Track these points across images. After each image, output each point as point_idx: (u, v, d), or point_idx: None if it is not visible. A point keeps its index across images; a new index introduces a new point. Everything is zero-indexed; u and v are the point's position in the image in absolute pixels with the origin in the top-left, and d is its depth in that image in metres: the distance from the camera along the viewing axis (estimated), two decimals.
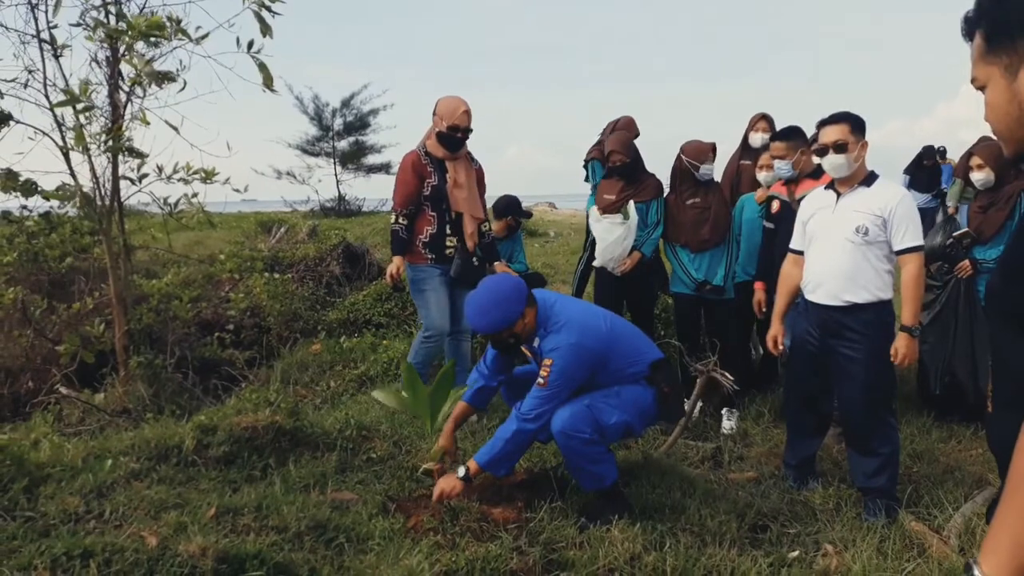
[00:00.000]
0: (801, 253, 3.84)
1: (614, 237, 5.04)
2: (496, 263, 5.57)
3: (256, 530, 3.04)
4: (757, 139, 5.46)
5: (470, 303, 3.40)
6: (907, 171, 10.27)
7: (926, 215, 4.86)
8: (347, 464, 3.93)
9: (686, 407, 4.44)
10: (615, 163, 5.11)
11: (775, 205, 4.71)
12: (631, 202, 5.02)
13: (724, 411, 4.94)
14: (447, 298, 4.89)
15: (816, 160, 4.57)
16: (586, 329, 3.37)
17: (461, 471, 3.37)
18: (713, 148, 4.97)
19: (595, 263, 5.27)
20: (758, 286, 4.86)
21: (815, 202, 3.79)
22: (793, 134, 4.60)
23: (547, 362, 3.28)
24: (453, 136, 4.79)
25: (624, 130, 5.53)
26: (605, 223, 5.09)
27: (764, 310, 4.79)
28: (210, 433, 3.87)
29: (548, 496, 3.44)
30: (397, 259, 4.76)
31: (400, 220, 4.78)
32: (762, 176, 5.08)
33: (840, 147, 3.54)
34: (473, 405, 3.74)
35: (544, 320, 3.41)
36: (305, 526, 3.11)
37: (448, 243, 4.85)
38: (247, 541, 2.91)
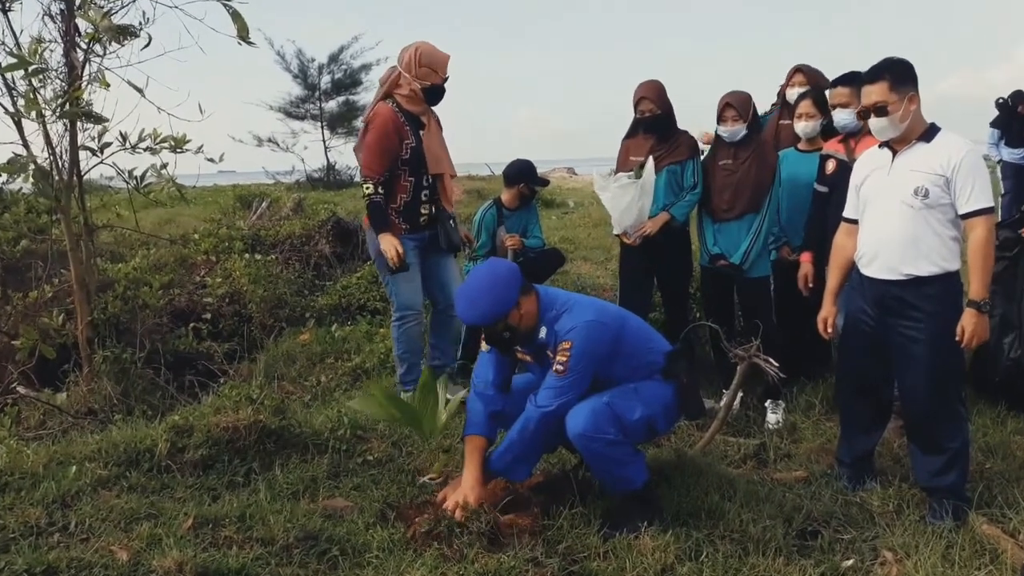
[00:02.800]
0: (855, 222, 3.81)
1: (626, 202, 5.02)
2: (507, 236, 5.60)
3: (239, 543, 3.08)
4: (793, 94, 5.43)
5: (460, 293, 3.46)
6: (995, 124, 9.83)
7: None
8: (340, 468, 3.97)
9: (725, 398, 4.45)
10: (645, 114, 5.09)
11: (830, 165, 4.68)
12: (650, 159, 4.96)
13: (768, 402, 4.94)
14: (419, 272, 4.99)
15: (841, 120, 4.61)
16: (599, 308, 3.48)
17: None
18: (733, 104, 4.92)
19: (614, 231, 5.27)
20: (804, 257, 4.85)
21: (869, 163, 3.76)
22: (856, 79, 4.56)
23: (565, 345, 3.32)
24: (442, 88, 4.91)
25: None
26: (613, 188, 5.05)
27: (811, 286, 4.77)
28: (186, 435, 3.91)
29: (567, 500, 3.47)
30: (389, 237, 4.79)
31: (379, 190, 4.80)
32: (800, 127, 5.06)
33: (880, 109, 3.51)
34: (487, 437, 3.59)
35: (549, 306, 3.45)
36: (294, 537, 3.15)
37: (422, 210, 4.95)
38: (229, 555, 2.95)
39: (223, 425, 3.94)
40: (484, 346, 3.71)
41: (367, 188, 4.80)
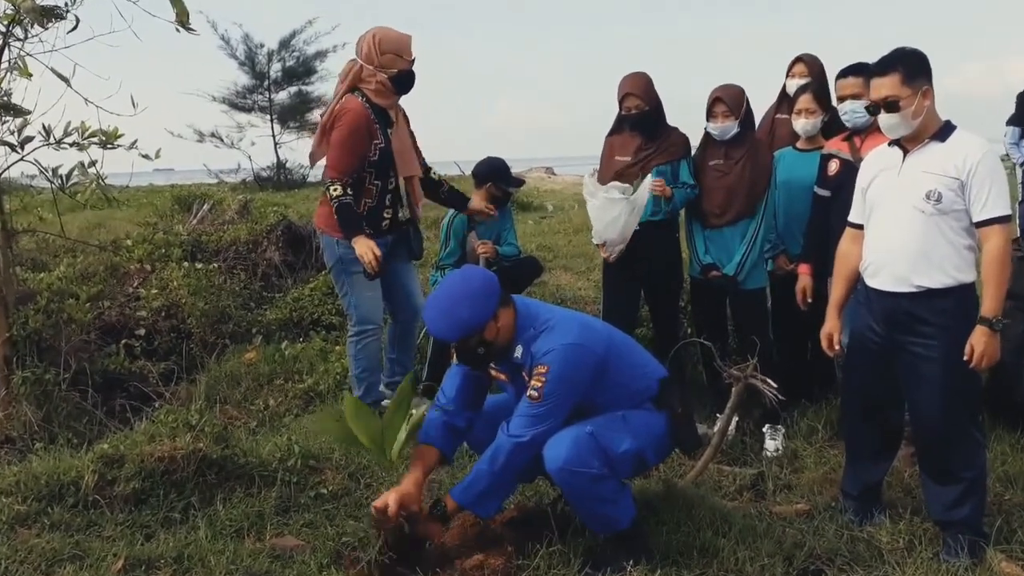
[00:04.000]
0: (862, 227, 3.85)
1: (611, 216, 5.04)
2: (479, 243, 5.62)
3: None
4: (793, 85, 5.47)
5: (430, 304, 3.43)
6: (1013, 121, 9.79)
7: None
8: (291, 502, 3.95)
9: (719, 423, 4.47)
10: (631, 111, 5.12)
11: (833, 166, 4.72)
12: (648, 178, 4.98)
13: (767, 428, 4.97)
14: (379, 283, 5.02)
15: (850, 114, 4.61)
16: (584, 328, 3.42)
17: (436, 509, 3.39)
18: (723, 99, 4.95)
19: (594, 240, 5.29)
20: (803, 269, 4.89)
21: (877, 162, 3.79)
22: (866, 69, 4.60)
23: (541, 369, 3.29)
24: (411, 74, 4.95)
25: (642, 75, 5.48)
26: (601, 197, 5.05)
27: (810, 300, 4.81)
28: (116, 466, 3.87)
29: (545, 537, 3.46)
30: (364, 240, 4.80)
31: (347, 191, 4.82)
32: (799, 124, 5.11)
33: (891, 105, 3.54)
34: (441, 450, 3.59)
35: (528, 322, 3.42)
36: None
37: (385, 215, 5.00)
38: None
39: (158, 455, 3.91)
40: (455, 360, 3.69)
41: (335, 190, 4.80)
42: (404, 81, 4.94)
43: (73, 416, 5.22)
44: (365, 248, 4.76)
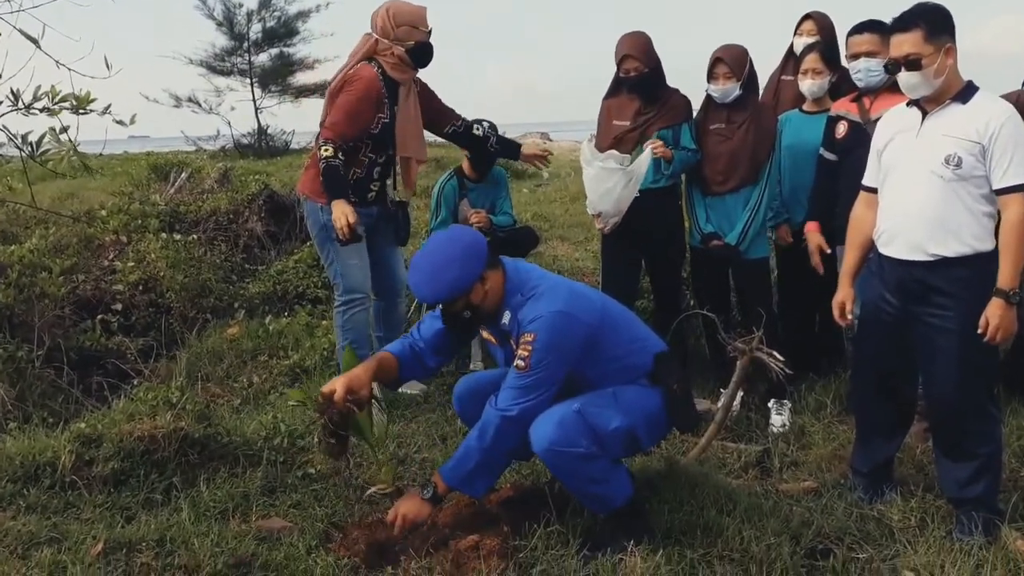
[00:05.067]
0: (876, 191, 3.83)
1: (607, 187, 5.02)
2: (471, 211, 5.62)
3: (158, 571, 3.08)
4: (800, 44, 5.45)
5: (414, 265, 3.41)
6: None
7: None
8: (277, 483, 3.96)
9: (723, 398, 4.49)
10: (629, 73, 5.10)
11: (841, 128, 4.70)
12: (648, 148, 4.95)
13: (772, 403, 5.00)
14: (367, 253, 5.08)
15: (864, 72, 4.57)
16: (575, 296, 3.41)
17: (427, 491, 3.41)
18: (725, 59, 4.93)
19: (589, 210, 5.29)
20: (811, 227, 4.87)
21: (894, 123, 3.77)
22: (880, 27, 4.57)
23: (527, 337, 3.29)
24: (429, 46, 4.99)
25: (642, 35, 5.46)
26: (598, 166, 5.03)
27: (828, 252, 4.76)
28: (94, 446, 3.88)
29: (542, 517, 3.48)
30: (342, 204, 4.78)
31: (339, 155, 4.82)
32: (805, 85, 5.10)
33: (913, 63, 3.52)
34: (401, 361, 3.64)
35: (517, 287, 3.42)
36: (223, 564, 3.15)
37: (372, 187, 5.06)
38: None
39: (137, 434, 3.92)
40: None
41: (326, 150, 4.81)
42: (422, 53, 4.99)
43: (48, 394, 5.24)
44: (339, 212, 4.74)
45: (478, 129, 5.49)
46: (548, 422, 3.26)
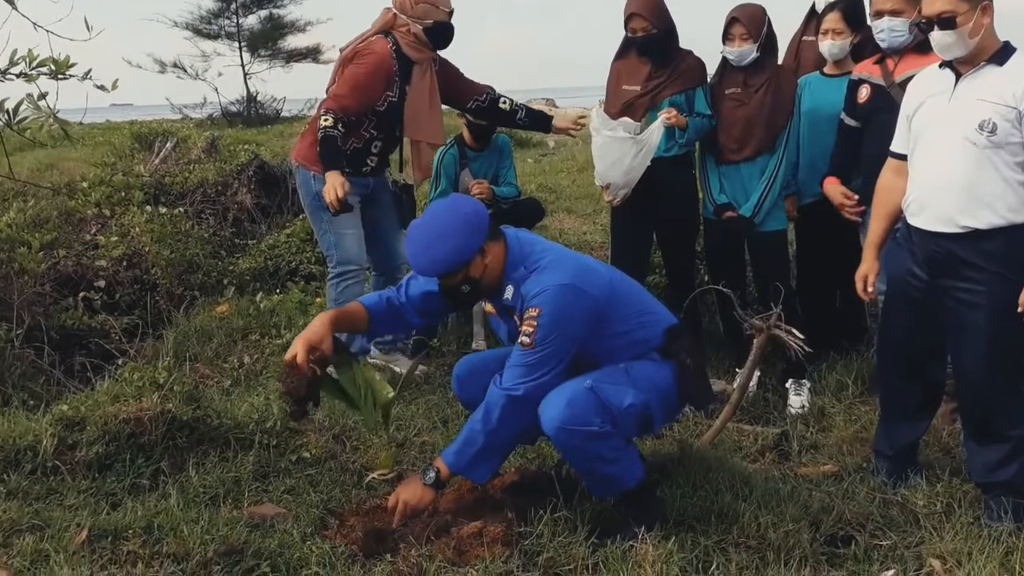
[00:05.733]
0: (906, 158, 3.79)
1: (616, 157, 4.99)
2: (473, 182, 5.62)
3: (145, 559, 3.08)
4: (822, 2, 5.41)
5: (411, 235, 3.42)
6: None
7: None
8: (270, 467, 3.97)
9: (739, 378, 4.48)
10: (637, 33, 5.07)
11: (863, 92, 4.66)
12: (660, 118, 4.90)
13: (791, 383, 5.00)
14: (361, 224, 5.11)
15: (889, 32, 4.49)
16: (581, 268, 3.42)
17: (429, 475, 3.41)
18: (741, 19, 4.89)
19: (596, 181, 5.27)
20: (830, 181, 4.79)
21: (925, 86, 3.72)
22: None
23: (532, 312, 3.28)
24: (450, 27, 5.03)
25: None
26: (606, 134, 4.99)
27: (857, 198, 4.65)
28: (77, 429, 3.88)
29: (549, 503, 3.49)
30: (336, 175, 4.78)
31: (339, 126, 4.83)
32: (825, 46, 5.06)
33: (947, 21, 3.47)
34: (373, 313, 3.63)
35: (520, 259, 3.41)
36: (214, 552, 3.15)
37: (368, 161, 5.10)
38: (133, 574, 2.95)
39: (123, 416, 3.91)
40: None
41: (326, 120, 4.82)
42: (441, 34, 5.00)
43: (28, 376, 5.23)
44: (332, 183, 4.74)
45: (504, 103, 5.46)
46: (559, 400, 3.26)
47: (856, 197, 4.65)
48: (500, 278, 3.42)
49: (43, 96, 4.98)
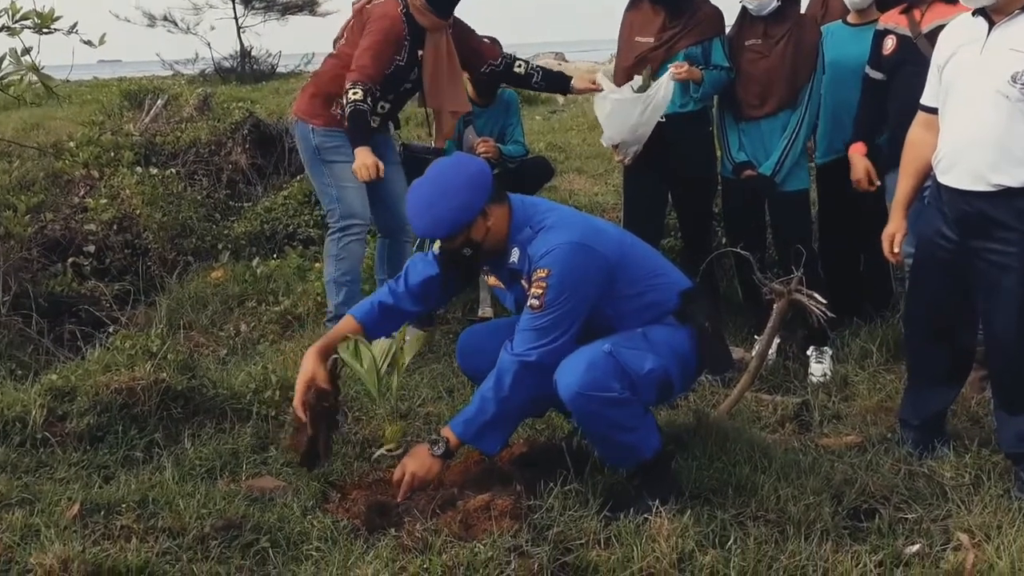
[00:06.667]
0: (936, 111, 3.76)
1: (619, 120, 4.97)
2: (478, 140, 5.59)
3: (140, 534, 3.09)
4: None
5: (411, 196, 3.42)
6: None
7: None
8: (269, 439, 3.98)
9: (758, 345, 4.48)
10: None
11: (889, 43, 4.63)
12: (668, 72, 4.87)
13: (812, 350, 4.99)
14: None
15: None
16: (589, 227, 3.42)
17: (438, 447, 3.42)
18: None
19: (604, 143, 5.26)
20: (857, 148, 4.81)
21: (956, 36, 3.68)
22: None
23: (540, 273, 3.28)
24: None
25: None
26: (610, 100, 4.98)
27: (878, 183, 4.72)
28: (67, 399, 3.90)
29: (559, 475, 3.49)
30: (366, 152, 4.83)
31: (368, 101, 4.84)
32: None
33: None
34: (366, 324, 3.61)
35: (525, 220, 3.41)
36: (211, 527, 3.16)
37: (372, 120, 5.05)
38: (127, 549, 2.96)
39: (115, 386, 3.93)
40: (433, 247, 3.63)
41: (354, 93, 4.82)
42: (441, 1, 4.97)
43: (16, 344, 5.25)
44: (364, 159, 4.79)
45: (519, 67, 5.45)
46: (577, 365, 3.25)
47: (879, 183, 4.70)
48: (504, 242, 3.42)
49: (27, 51, 4.97)
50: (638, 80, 4.92)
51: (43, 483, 3.46)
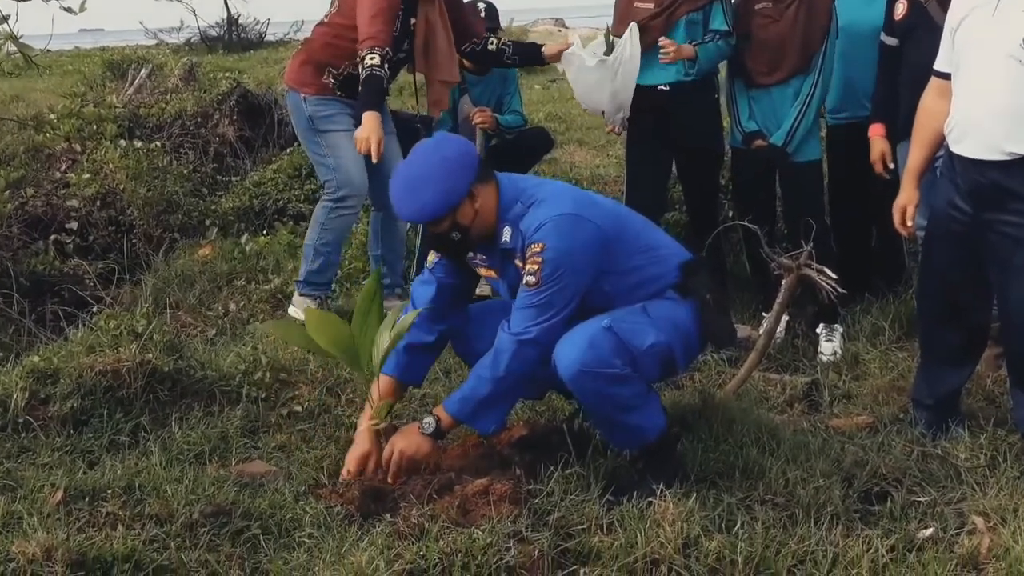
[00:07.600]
0: (950, 77, 3.74)
1: (588, 85, 5.02)
2: (474, 110, 5.58)
3: (126, 521, 3.09)
4: None
5: (394, 179, 3.41)
6: None
7: None
8: (259, 422, 3.99)
9: (766, 323, 4.48)
10: None
11: (900, 7, 4.61)
12: (632, 26, 4.86)
13: (822, 328, 4.99)
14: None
15: None
16: (582, 198, 3.43)
17: (428, 424, 3.42)
18: None
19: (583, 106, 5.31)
20: (875, 130, 4.82)
21: None
22: None
23: (535, 248, 3.26)
24: None
25: None
26: (575, 65, 5.04)
27: (892, 166, 4.73)
28: (50, 382, 3.90)
29: (559, 459, 3.49)
30: (373, 119, 4.83)
31: (385, 66, 4.83)
32: None
33: None
34: (399, 378, 3.64)
35: (514, 197, 3.40)
36: (200, 513, 3.16)
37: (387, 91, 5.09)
38: (113, 537, 2.96)
39: (99, 368, 3.93)
40: (432, 257, 3.64)
41: (371, 59, 4.82)
42: None
43: None
44: (369, 127, 4.80)
45: (492, 44, 5.44)
46: (576, 341, 3.24)
47: (892, 166, 4.71)
48: (493, 224, 3.41)
49: (4, 19, 4.96)
50: (601, 43, 4.94)
51: (25, 469, 3.46)
